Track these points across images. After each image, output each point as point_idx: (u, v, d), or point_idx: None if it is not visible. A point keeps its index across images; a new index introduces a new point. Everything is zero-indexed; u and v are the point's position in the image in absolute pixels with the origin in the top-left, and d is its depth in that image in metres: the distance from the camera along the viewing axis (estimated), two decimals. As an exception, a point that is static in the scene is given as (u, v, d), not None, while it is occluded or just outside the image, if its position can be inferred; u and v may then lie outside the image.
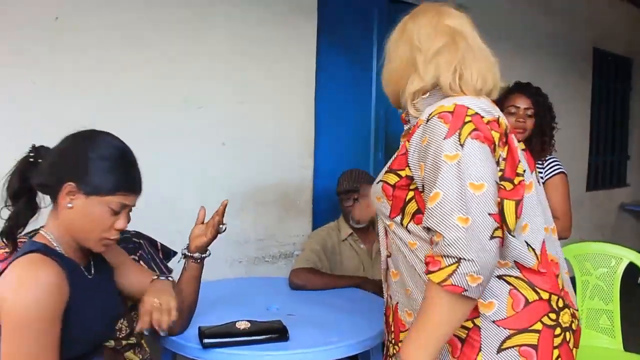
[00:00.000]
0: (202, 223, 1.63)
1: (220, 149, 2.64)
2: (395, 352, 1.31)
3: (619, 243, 2.58)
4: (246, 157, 2.73)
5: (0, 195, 1.30)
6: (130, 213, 1.34)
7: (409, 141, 1.18)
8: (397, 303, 1.30)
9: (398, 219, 1.22)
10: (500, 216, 1.07)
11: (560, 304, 1.17)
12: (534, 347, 1.12)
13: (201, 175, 2.55)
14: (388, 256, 1.34)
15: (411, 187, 1.18)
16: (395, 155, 1.24)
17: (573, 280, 2.44)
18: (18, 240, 1.36)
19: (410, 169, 1.17)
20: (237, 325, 1.62)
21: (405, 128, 1.30)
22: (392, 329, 1.33)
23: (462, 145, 1.07)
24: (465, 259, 1.00)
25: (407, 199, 1.19)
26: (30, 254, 1.21)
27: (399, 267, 1.28)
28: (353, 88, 3.26)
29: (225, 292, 2.08)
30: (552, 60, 4.38)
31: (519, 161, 1.14)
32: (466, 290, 1.01)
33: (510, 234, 1.12)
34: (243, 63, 2.69)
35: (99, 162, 1.25)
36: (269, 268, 2.85)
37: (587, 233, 4.93)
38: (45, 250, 1.24)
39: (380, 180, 1.25)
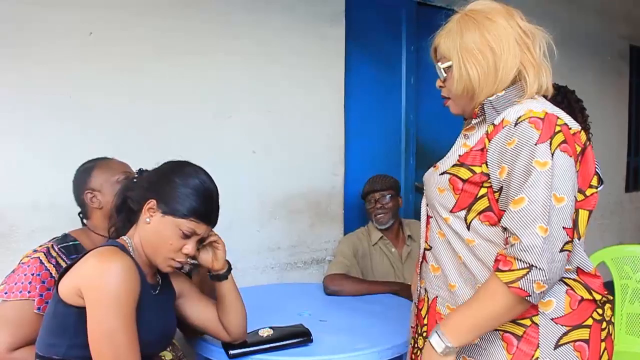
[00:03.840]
0: None
1: (251, 158, 2.68)
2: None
3: (661, 245, 2.51)
4: (277, 164, 2.76)
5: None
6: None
7: (488, 139, 1.18)
8: (436, 297, 1.31)
9: (462, 213, 1.22)
10: (573, 229, 1.11)
11: (604, 299, 1.21)
12: (586, 341, 1.17)
13: (232, 183, 2.58)
14: (427, 249, 1.35)
15: (485, 184, 1.19)
16: (468, 149, 1.22)
17: (611, 284, 2.38)
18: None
19: (487, 166, 1.17)
20: (260, 333, 1.65)
21: (473, 122, 1.27)
22: (425, 322, 1.33)
23: (552, 155, 1.09)
24: (536, 267, 1.05)
25: (478, 195, 1.20)
26: (110, 246, 1.35)
27: (441, 262, 1.29)
28: (383, 93, 3.26)
29: (258, 298, 2.11)
30: (587, 59, 4.29)
31: (594, 174, 1.17)
32: (529, 296, 1.07)
33: (578, 241, 1.16)
34: (271, 71, 2.72)
35: (181, 188, 1.37)
36: (301, 274, 2.87)
37: (628, 235, 4.80)
38: (123, 249, 1.36)
39: (447, 173, 1.24)
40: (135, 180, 1.48)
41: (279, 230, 2.79)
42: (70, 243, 1.63)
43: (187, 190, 1.37)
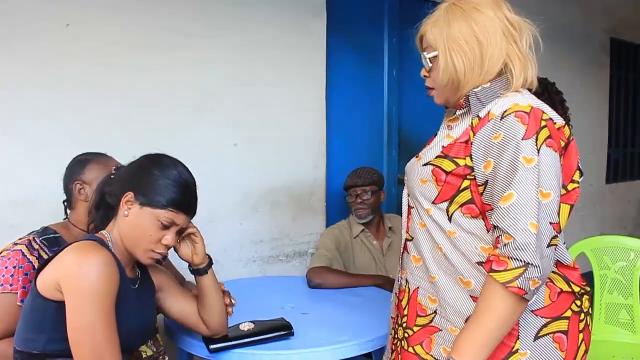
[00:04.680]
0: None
1: (233, 150, 2.66)
2: (405, 335, 1.31)
3: (640, 236, 2.54)
4: (259, 157, 2.74)
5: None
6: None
7: (473, 132, 1.18)
8: (418, 288, 1.30)
9: (443, 205, 1.22)
10: (559, 224, 1.11)
11: (582, 291, 1.22)
12: (565, 332, 1.18)
13: (214, 176, 2.57)
14: (408, 240, 1.35)
15: (468, 177, 1.18)
16: (452, 141, 1.22)
17: (590, 274, 2.41)
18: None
19: (472, 160, 1.17)
20: (241, 327, 1.65)
21: (457, 113, 1.26)
22: (406, 313, 1.33)
23: (538, 151, 1.09)
24: (532, 264, 1.05)
25: (460, 188, 1.19)
26: (88, 240, 1.34)
27: (422, 253, 1.28)
28: (365, 86, 3.25)
29: (240, 291, 2.08)
30: (567, 51, 4.32)
31: (576, 169, 1.18)
32: (527, 293, 1.07)
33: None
34: (253, 64, 2.70)
35: (158, 179, 1.37)
36: (284, 267, 2.87)
37: (609, 226, 4.88)
38: (102, 243, 1.35)
39: (430, 164, 1.24)
40: (112, 175, 1.47)
41: (261, 223, 2.78)
42: (51, 235, 1.62)
43: (164, 181, 1.36)
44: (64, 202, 1.72)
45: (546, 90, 2.18)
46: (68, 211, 1.72)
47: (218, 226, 2.59)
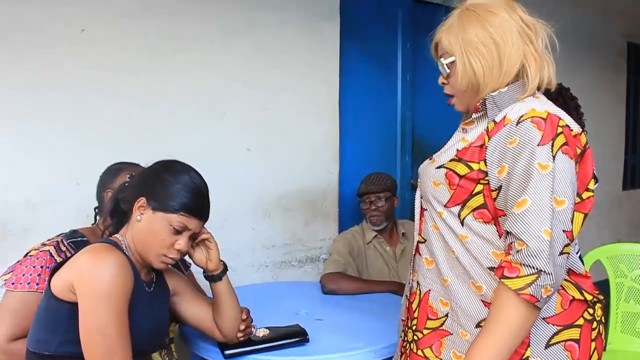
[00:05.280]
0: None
1: (246, 155, 2.66)
2: (414, 338, 1.30)
3: (659, 243, 2.50)
4: (271, 162, 2.75)
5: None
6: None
7: (488, 136, 1.17)
8: (429, 291, 1.29)
9: (455, 209, 1.21)
10: (572, 231, 1.10)
11: (595, 300, 1.20)
12: (577, 341, 1.16)
13: (227, 181, 2.57)
14: (420, 242, 1.34)
15: (481, 181, 1.17)
16: (466, 144, 1.21)
17: (606, 282, 2.38)
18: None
19: (486, 164, 1.16)
20: (256, 333, 1.64)
21: (473, 116, 1.25)
22: (416, 315, 1.32)
23: (553, 157, 1.08)
24: (544, 272, 1.04)
25: (473, 192, 1.19)
26: (103, 243, 1.36)
27: (434, 256, 1.27)
28: (378, 91, 3.25)
29: (254, 297, 2.10)
30: (584, 55, 4.28)
31: (592, 177, 1.16)
32: (538, 301, 1.06)
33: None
34: (266, 69, 2.70)
35: (170, 184, 1.38)
36: (296, 272, 2.86)
37: (625, 233, 4.81)
38: (117, 246, 1.36)
39: (444, 167, 1.23)
40: (127, 183, 1.49)
41: (274, 228, 2.78)
42: (79, 239, 1.65)
43: (176, 186, 1.37)
44: (95, 208, 1.77)
45: (560, 96, 2.16)
46: (97, 217, 1.76)
47: (230, 231, 2.59)
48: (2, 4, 2.05)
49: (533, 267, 1.04)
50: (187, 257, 1.52)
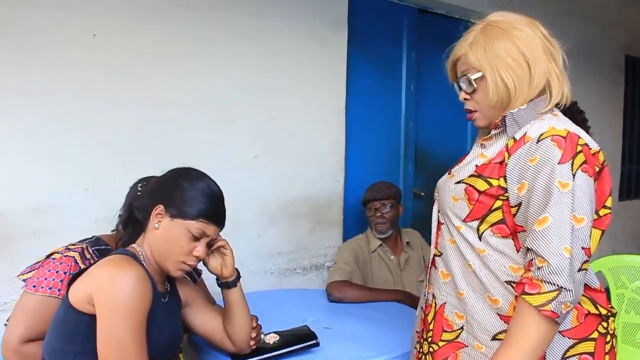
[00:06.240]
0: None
1: (253, 163, 2.67)
2: (430, 350, 1.32)
3: (656, 255, 2.53)
4: (278, 170, 2.76)
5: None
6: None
7: (508, 153, 1.19)
8: (445, 304, 1.31)
9: (474, 224, 1.23)
10: (590, 248, 1.12)
11: (609, 313, 1.22)
12: (592, 354, 1.19)
13: (233, 188, 2.55)
14: (437, 255, 1.35)
15: (501, 197, 1.19)
16: (486, 160, 1.23)
17: (607, 293, 2.40)
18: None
19: (506, 181, 1.18)
20: (266, 340, 1.65)
21: (492, 132, 1.26)
22: (431, 328, 1.34)
23: (573, 176, 1.10)
24: (565, 289, 1.06)
25: (492, 207, 1.20)
26: (122, 254, 1.35)
27: (451, 269, 1.29)
28: (383, 99, 3.27)
29: (261, 304, 2.09)
30: (582, 68, 4.32)
31: (609, 195, 1.19)
32: (559, 317, 1.08)
33: None
34: (274, 76, 2.71)
35: (188, 191, 1.38)
36: (300, 279, 2.87)
37: (622, 244, 4.84)
38: (135, 257, 1.35)
39: (463, 182, 1.25)
40: (139, 190, 1.48)
41: (279, 236, 2.79)
42: (103, 247, 1.63)
43: (194, 193, 1.38)
44: (119, 215, 1.74)
45: (569, 110, 2.19)
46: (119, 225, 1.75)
47: (236, 238, 2.55)
48: (17, 9, 2.05)
49: (554, 284, 1.06)
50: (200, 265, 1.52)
